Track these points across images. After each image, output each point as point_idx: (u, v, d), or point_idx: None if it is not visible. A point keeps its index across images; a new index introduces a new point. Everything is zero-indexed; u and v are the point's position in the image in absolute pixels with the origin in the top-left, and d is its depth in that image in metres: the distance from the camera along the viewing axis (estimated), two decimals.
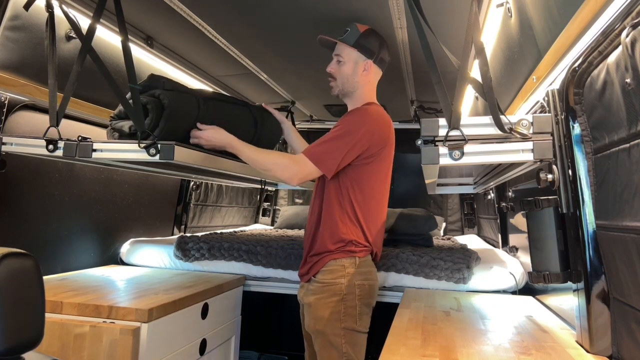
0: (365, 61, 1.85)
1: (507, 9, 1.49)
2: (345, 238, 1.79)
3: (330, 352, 1.77)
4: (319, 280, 1.81)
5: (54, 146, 1.58)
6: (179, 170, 2.25)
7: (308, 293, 1.85)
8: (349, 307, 1.77)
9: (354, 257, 1.80)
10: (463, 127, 1.26)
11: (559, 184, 1.32)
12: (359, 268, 1.80)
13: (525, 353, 1.31)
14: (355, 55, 1.84)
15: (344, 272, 1.78)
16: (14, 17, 1.69)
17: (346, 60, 1.85)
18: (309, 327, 1.83)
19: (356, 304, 1.78)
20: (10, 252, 0.82)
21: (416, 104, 3.22)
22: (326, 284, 1.79)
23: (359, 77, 1.86)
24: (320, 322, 1.77)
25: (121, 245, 2.70)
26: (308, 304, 1.83)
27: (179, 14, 1.92)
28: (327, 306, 1.77)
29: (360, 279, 1.80)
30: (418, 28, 1.31)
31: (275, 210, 4.69)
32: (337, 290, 1.77)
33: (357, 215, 1.80)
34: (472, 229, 4.17)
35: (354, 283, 1.78)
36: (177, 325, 1.88)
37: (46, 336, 0.88)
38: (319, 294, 1.80)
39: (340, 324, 1.76)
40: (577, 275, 1.31)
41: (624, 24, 0.96)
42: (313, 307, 1.80)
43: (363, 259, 1.82)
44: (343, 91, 1.89)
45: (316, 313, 1.79)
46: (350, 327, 1.77)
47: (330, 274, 1.79)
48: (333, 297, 1.77)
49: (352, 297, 1.78)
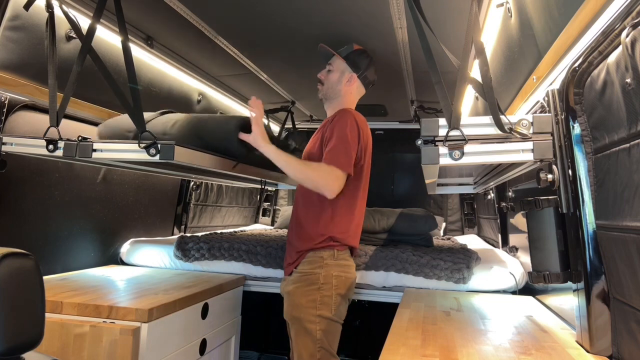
0: (351, 74, 2.04)
1: (507, 9, 1.48)
2: (325, 233, 1.89)
3: (304, 339, 1.85)
4: (299, 271, 1.92)
5: (54, 146, 1.58)
6: (179, 170, 2.25)
7: (288, 283, 1.95)
8: (325, 296, 1.85)
9: (332, 250, 1.90)
10: (463, 127, 1.26)
11: (559, 184, 1.32)
12: (337, 260, 1.90)
13: (525, 353, 1.31)
14: (343, 66, 2.04)
15: (322, 262, 1.88)
16: (14, 17, 1.69)
17: (335, 69, 2.05)
18: (286, 314, 1.93)
19: (332, 293, 1.87)
20: (10, 252, 0.82)
21: (416, 104, 3.22)
22: (305, 273, 1.89)
23: (342, 85, 2.04)
24: (297, 308, 1.87)
25: (121, 245, 2.70)
26: (287, 292, 1.93)
27: (179, 14, 1.92)
28: (304, 294, 1.86)
29: (337, 270, 1.89)
30: (418, 28, 1.31)
31: (275, 210, 4.69)
32: (314, 279, 1.87)
33: (337, 212, 1.90)
34: (472, 229, 4.17)
35: (331, 274, 1.88)
36: (177, 325, 1.88)
37: (46, 336, 0.88)
38: (298, 282, 1.90)
39: (315, 311, 1.84)
40: (577, 275, 1.31)
41: (624, 24, 0.96)
42: (291, 295, 1.90)
43: (342, 252, 1.93)
44: (326, 96, 2.07)
45: (293, 300, 1.89)
46: (325, 315, 1.85)
47: (309, 264, 1.90)
48: (310, 285, 1.87)
49: (329, 287, 1.86)
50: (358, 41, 2.10)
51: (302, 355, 1.86)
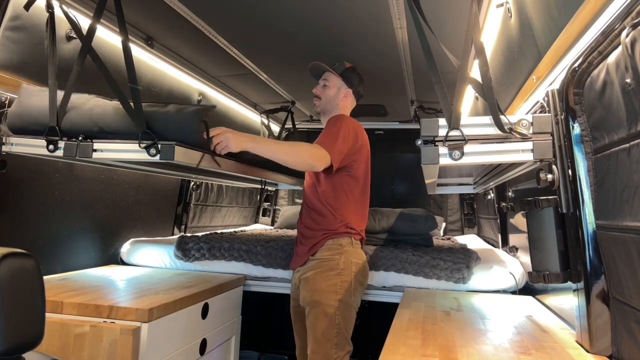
0: (347, 89, 2.16)
1: (507, 9, 1.49)
2: (341, 220, 1.99)
3: (323, 322, 1.88)
4: (317, 258, 1.98)
5: (54, 146, 1.58)
6: (179, 170, 2.25)
7: (305, 270, 1.99)
8: (345, 282, 1.92)
9: (350, 237, 1.99)
10: (463, 127, 1.26)
11: (559, 184, 1.32)
12: (354, 248, 1.99)
13: (525, 353, 1.31)
14: (339, 83, 2.15)
15: (342, 250, 1.96)
16: (15, 17, 1.69)
17: (331, 85, 2.15)
18: (304, 299, 1.96)
19: (352, 279, 1.93)
20: (10, 252, 0.82)
21: (416, 104, 3.22)
22: (324, 259, 1.95)
23: (339, 100, 2.15)
24: (317, 293, 1.91)
25: (121, 245, 2.70)
26: (305, 279, 1.97)
27: (179, 14, 1.92)
28: (325, 279, 1.92)
29: (356, 257, 1.98)
30: (418, 28, 1.31)
31: (275, 210, 4.69)
32: (334, 265, 1.93)
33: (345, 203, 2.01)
34: (472, 229, 4.17)
35: (351, 260, 1.95)
36: (177, 325, 1.89)
37: (46, 336, 0.88)
38: (317, 269, 1.95)
39: (336, 295, 1.89)
40: (577, 275, 1.31)
41: (624, 24, 0.96)
42: (310, 281, 1.95)
43: (357, 241, 2.03)
44: (325, 110, 2.17)
45: (313, 285, 1.93)
46: (344, 300, 1.90)
47: (328, 250, 1.96)
48: (330, 271, 1.93)
49: (348, 273, 1.93)
50: (358, 41, 2.10)
51: (318, 340, 1.89)
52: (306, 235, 2.07)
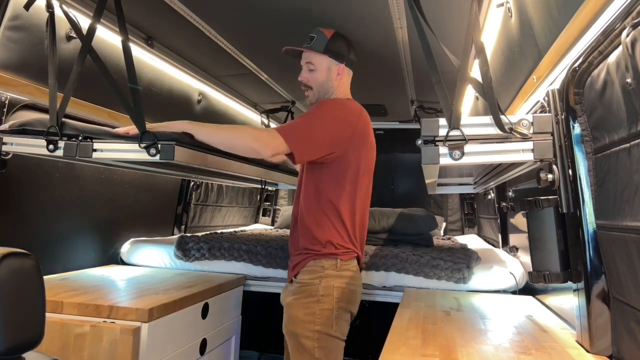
0: (338, 65, 1.84)
1: (507, 9, 1.48)
2: (323, 238, 1.73)
3: (302, 356, 1.69)
4: (298, 281, 1.76)
5: (54, 146, 1.58)
6: (179, 170, 2.25)
7: (288, 294, 1.80)
8: (325, 310, 1.69)
9: (334, 259, 1.73)
10: (463, 127, 1.26)
11: (559, 183, 1.32)
12: (340, 271, 1.73)
13: (525, 353, 1.31)
14: (327, 62, 1.83)
15: (323, 273, 1.72)
16: (15, 17, 1.69)
17: (318, 68, 1.83)
18: (284, 328, 1.76)
19: (333, 307, 1.69)
20: (10, 252, 0.82)
21: (416, 104, 3.22)
22: (304, 284, 1.73)
23: (333, 81, 1.84)
24: (294, 322, 1.71)
25: (121, 245, 2.70)
26: (286, 304, 1.78)
27: (179, 14, 1.92)
28: (302, 307, 1.71)
29: (340, 282, 1.72)
30: (418, 28, 1.31)
31: (275, 210, 4.69)
32: (313, 291, 1.70)
33: (338, 214, 1.74)
34: (472, 229, 4.17)
35: (332, 285, 1.71)
36: (177, 325, 1.89)
37: (46, 336, 0.88)
38: (297, 294, 1.74)
39: (313, 326, 1.68)
40: (577, 275, 1.31)
41: (624, 24, 0.96)
42: (289, 307, 1.75)
43: (346, 262, 1.75)
44: (320, 98, 1.85)
45: (291, 313, 1.74)
46: (324, 331, 1.68)
47: (308, 274, 1.74)
48: (309, 297, 1.71)
49: (329, 300, 1.69)
50: (358, 41, 2.08)
51: None
52: (292, 248, 1.86)
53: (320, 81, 1.83)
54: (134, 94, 1.51)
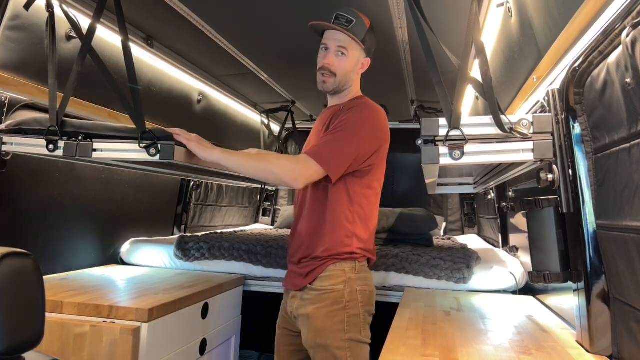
0: (365, 59, 1.73)
1: (507, 9, 1.48)
2: (346, 242, 1.63)
3: None
4: (316, 288, 1.61)
5: (54, 146, 1.58)
6: (179, 170, 2.25)
7: (305, 303, 1.63)
8: (353, 316, 1.59)
9: (354, 262, 1.63)
10: (463, 127, 1.26)
11: (559, 183, 1.32)
12: (359, 273, 1.64)
13: (526, 353, 1.31)
14: (359, 53, 1.69)
15: (345, 277, 1.60)
16: (14, 17, 1.69)
17: (350, 56, 1.66)
18: (307, 342, 1.62)
19: (359, 312, 1.60)
20: (10, 252, 0.82)
21: (416, 104, 3.22)
22: (325, 291, 1.60)
23: (356, 74, 1.73)
24: (322, 334, 1.57)
25: (121, 245, 2.70)
26: (305, 315, 1.62)
27: (179, 14, 1.92)
28: (329, 316, 1.58)
29: (361, 285, 1.63)
30: (418, 28, 1.31)
31: (275, 210, 4.69)
32: (338, 297, 1.59)
33: (356, 218, 1.66)
34: (472, 229, 4.17)
35: (356, 289, 1.61)
36: (177, 325, 1.88)
37: (46, 336, 0.88)
38: (318, 302, 1.60)
39: (344, 334, 1.57)
40: (577, 275, 1.31)
41: (624, 24, 0.96)
42: (312, 319, 1.60)
43: (362, 264, 1.67)
44: (339, 88, 1.70)
45: (316, 325, 1.59)
46: (354, 339, 1.58)
47: (329, 280, 1.60)
48: (334, 305, 1.58)
49: (355, 305, 1.60)
50: None
51: None
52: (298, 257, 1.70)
53: (348, 70, 1.68)
54: (134, 93, 1.51)
